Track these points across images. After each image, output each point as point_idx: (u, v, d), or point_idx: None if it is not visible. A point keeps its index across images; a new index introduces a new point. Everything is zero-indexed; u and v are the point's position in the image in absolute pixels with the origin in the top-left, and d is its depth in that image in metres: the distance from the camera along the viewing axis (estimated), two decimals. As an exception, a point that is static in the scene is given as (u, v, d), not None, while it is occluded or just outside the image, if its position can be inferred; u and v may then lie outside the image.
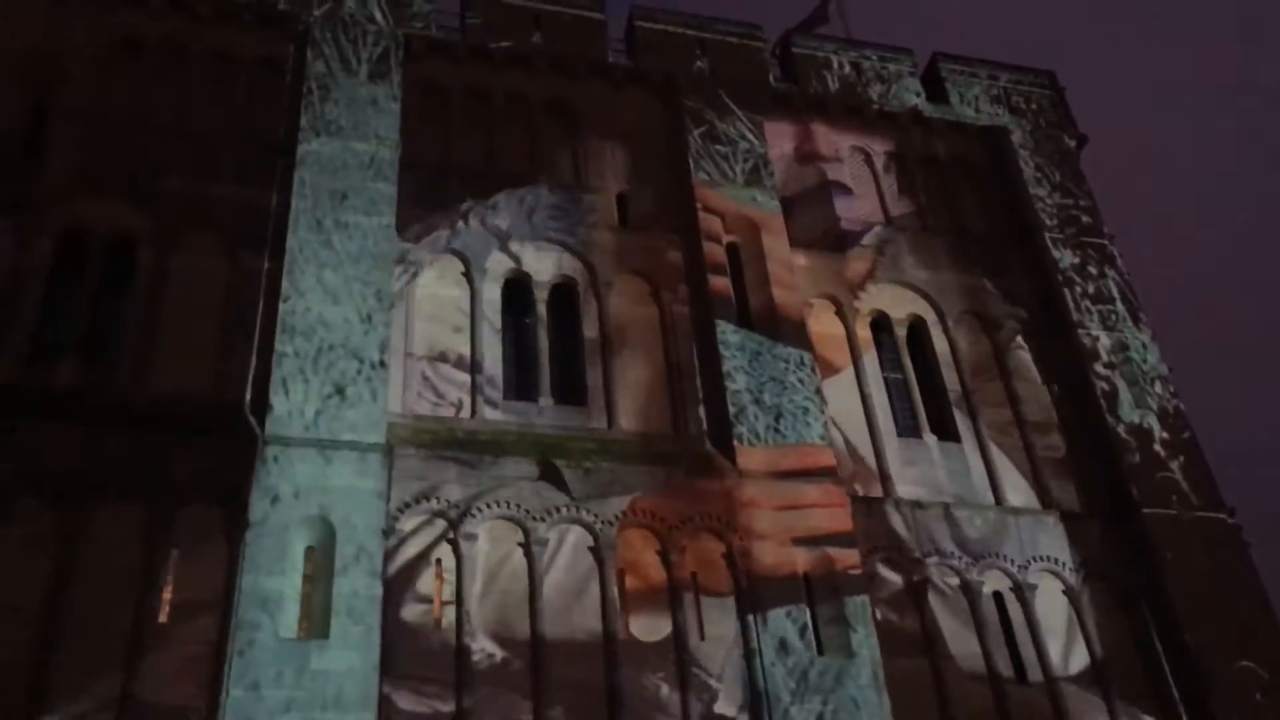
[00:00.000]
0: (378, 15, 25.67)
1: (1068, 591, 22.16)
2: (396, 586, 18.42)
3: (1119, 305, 26.73)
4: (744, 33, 29.12)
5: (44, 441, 18.09)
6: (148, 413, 19.12)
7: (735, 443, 21.46)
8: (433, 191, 23.77)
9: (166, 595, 17.59)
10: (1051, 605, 21.92)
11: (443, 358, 21.70)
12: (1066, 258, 27.32)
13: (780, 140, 27.41)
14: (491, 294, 22.88)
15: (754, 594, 19.71)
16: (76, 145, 22.17)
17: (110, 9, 24.25)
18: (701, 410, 22.34)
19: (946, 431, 24.21)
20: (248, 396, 19.75)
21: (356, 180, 22.62)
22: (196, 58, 24.46)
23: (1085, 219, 28.34)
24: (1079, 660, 21.44)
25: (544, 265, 23.70)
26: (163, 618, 17.34)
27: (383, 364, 20.36)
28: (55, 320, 20.39)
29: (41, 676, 16.28)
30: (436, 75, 25.88)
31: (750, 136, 26.56)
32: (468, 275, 22.93)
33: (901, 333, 25.54)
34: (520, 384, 22.17)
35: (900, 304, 25.89)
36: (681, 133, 26.24)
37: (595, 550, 19.75)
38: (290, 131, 23.25)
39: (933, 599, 21.34)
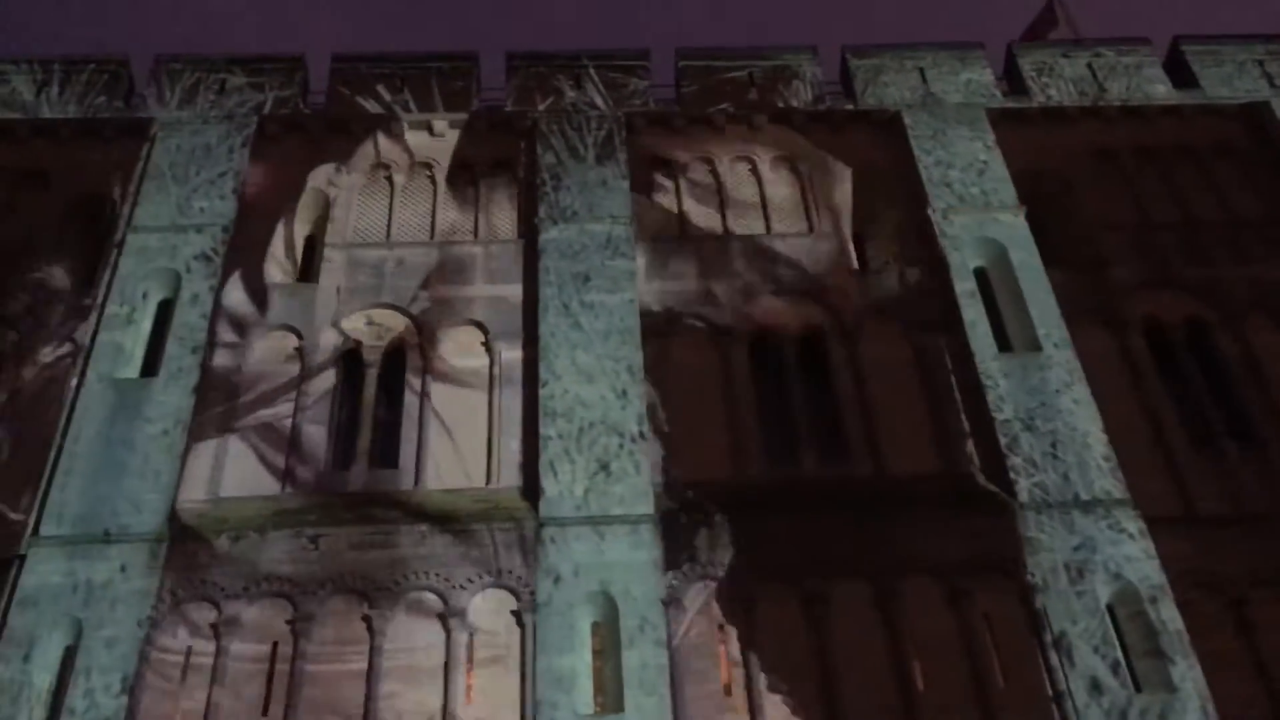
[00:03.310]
0: (598, 100, 26.66)
1: None
2: (683, 655, 18.49)
3: None
4: (963, 53, 28.33)
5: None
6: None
7: (1011, 475, 20.48)
8: (671, 261, 24.21)
9: (470, 680, 18.36)
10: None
11: (699, 423, 21.79)
12: (1367, 228, 24.69)
13: (1018, 155, 26.22)
14: (739, 355, 22.91)
15: (1055, 631, 18.59)
16: (346, 267, 23.94)
17: (359, 140, 26.20)
18: (970, 444, 21.46)
19: (1249, 438, 22.20)
20: (519, 482, 20.54)
21: (596, 261, 23.35)
22: (479, 171, 26.00)
23: (1384, 183, 25.60)
24: None
25: (790, 319, 23.57)
26: (467, 702, 18.06)
27: (642, 436, 20.72)
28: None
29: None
30: (660, 148, 26.45)
31: (983, 157, 25.64)
32: (714, 340, 23.08)
33: (1182, 337, 23.74)
34: (779, 440, 21.93)
35: (1175, 307, 24.06)
36: (911, 163, 25.67)
37: (879, 601, 19.19)
38: (530, 224, 24.32)
39: (1260, 621, 19.43)
